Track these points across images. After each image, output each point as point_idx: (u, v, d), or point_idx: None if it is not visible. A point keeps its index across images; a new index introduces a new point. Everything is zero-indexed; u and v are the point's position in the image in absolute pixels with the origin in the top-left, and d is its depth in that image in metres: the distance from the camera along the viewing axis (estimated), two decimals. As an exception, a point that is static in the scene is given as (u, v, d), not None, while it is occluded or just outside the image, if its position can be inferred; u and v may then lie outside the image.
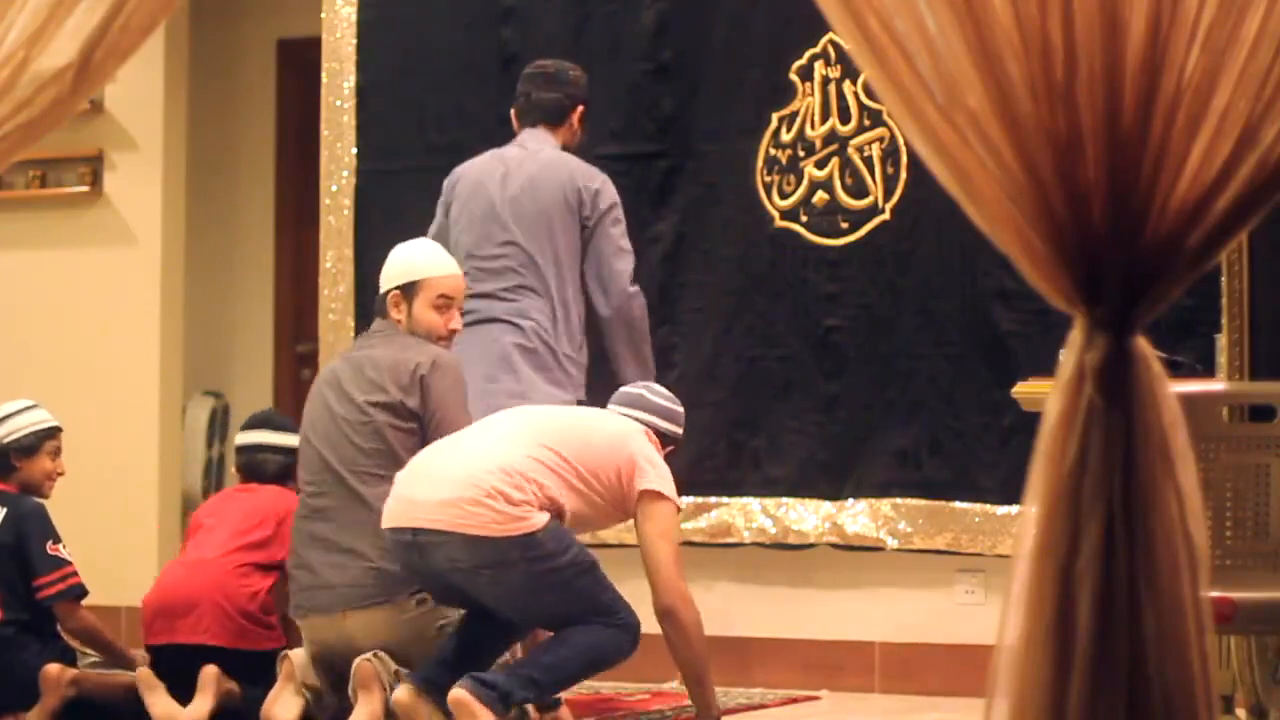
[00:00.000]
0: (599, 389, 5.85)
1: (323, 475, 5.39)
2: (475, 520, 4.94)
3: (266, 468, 6.04)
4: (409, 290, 5.50)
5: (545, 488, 5.04)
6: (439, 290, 5.50)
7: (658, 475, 5.23)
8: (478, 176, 6.00)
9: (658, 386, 5.58)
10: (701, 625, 5.18)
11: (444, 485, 5.00)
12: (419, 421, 5.35)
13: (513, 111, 6.12)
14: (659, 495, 5.20)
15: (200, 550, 5.90)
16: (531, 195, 5.90)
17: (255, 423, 6.24)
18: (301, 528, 5.43)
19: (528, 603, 5.07)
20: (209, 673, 5.64)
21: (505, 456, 5.04)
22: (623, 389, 5.56)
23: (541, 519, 4.99)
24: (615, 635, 5.05)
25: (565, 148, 6.05)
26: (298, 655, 5.36)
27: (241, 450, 6.18)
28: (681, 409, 5.53)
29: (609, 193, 5.96)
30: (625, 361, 5.97)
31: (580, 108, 6.09)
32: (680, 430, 5.50)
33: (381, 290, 5.56)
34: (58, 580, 5.91)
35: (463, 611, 5.21)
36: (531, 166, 5.94)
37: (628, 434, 5.29)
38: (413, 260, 5.54)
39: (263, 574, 5.82)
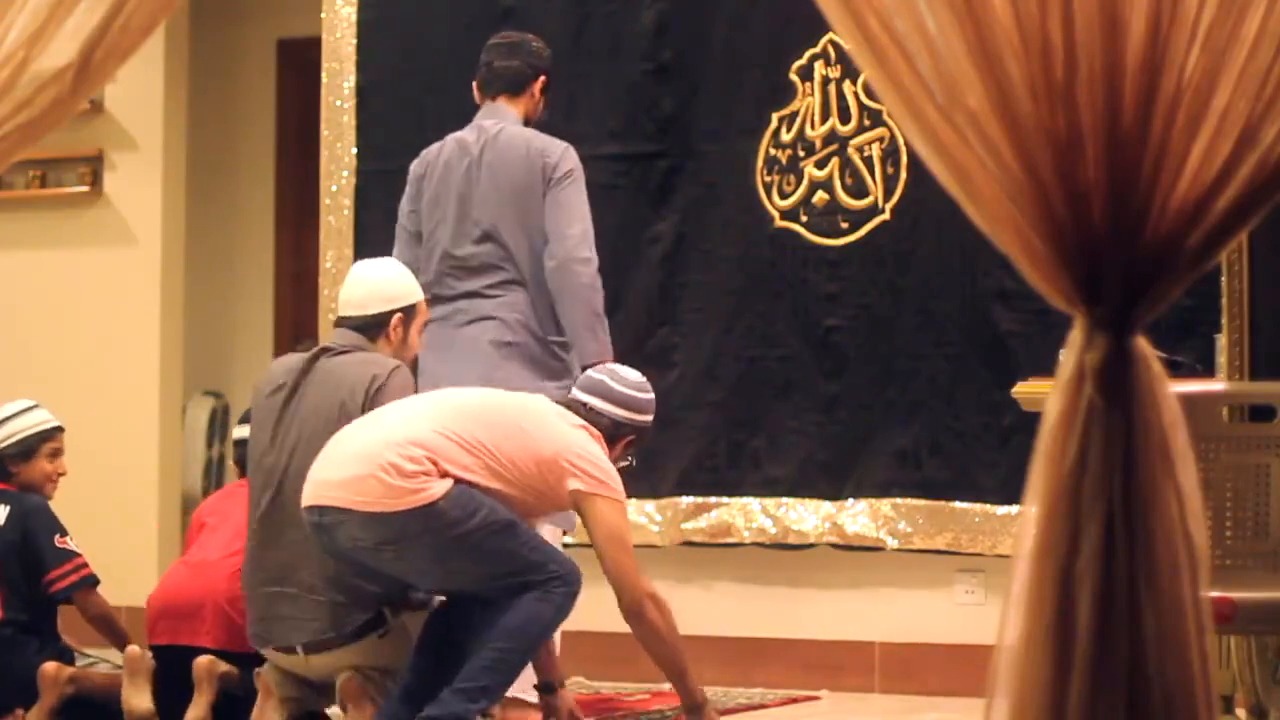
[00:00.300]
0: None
1: (272, 499, 5.23)
2: (369, 495, 4.81)
3: None
4: (410, 314, 5.39)
5: (449, 461, 4.84)
6: (424, 315, 5.45)
7: (591, 473, 4.98)
8: (444, 167, 5.88)
9: (626, 371, 5.34)
10: (671, 618, 5.02)
11: (343, 463, 4.89)
12: None
13: (475, 84, 6.05)
14: (595, 495, 4.97)
15: (204, 551, 5.88)
16: (495, 184, 5.79)
17: None
18: (252, 553, 5.28)
19: (443, 573, 4.92)
20: (202, 664, 5.60)
21: (408, 431, 4.89)
22: (588, 373, 5.34)
23: (441, 487, 4.81)
24: (548, 596, 4.86)
25: (527, 120, 5.93)
26: (271, 671, 5.30)
27: (240, 444, 6.09)
28: (650, 395, 5.28)
29: (568, 160, 5.78)
30: (577, 333, 5.70)
31: (542, 78, 5.95)
32: (647, 418, 5.25)
33: (377, 310, 5.37)
34: (70, 572, 5.90)
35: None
36: (490, 154, 5.81)
37: (558, 431, 5.03)
38: (412, 284, 5.43)
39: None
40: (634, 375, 5.31)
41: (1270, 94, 2.64)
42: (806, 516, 6.68)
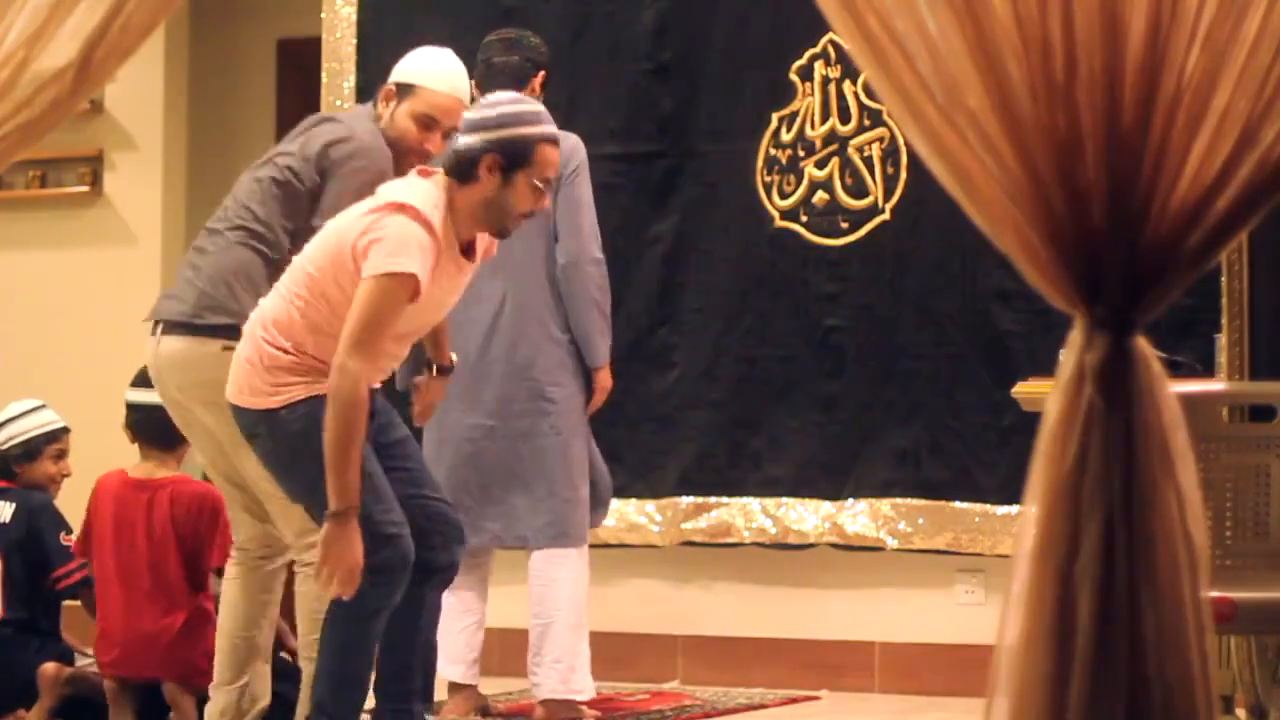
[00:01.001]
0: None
1: (232, 208, 5.03)
2: (235, 385, 4.65)
3: (169, 431, 5.25)
4: (404, 91, 5.07)
5: (294, 335, 4.57)
6: (427, 107, 5.04)
7: (374, 257, 4.45)
8: None
9: (491, 95, 4.93)
10: (351, 404, 4.37)
11: (241, 340, 4.71)
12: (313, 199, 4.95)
13: (473, 83, 6.03)
14: (367, 277, 4.45)
15: (130, 604, 5.65)
16: None
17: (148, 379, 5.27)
18: (192, 248, 5.13)
19: (288, 486, 4.68)
20: (174, 691, 5.58)
21: (272, 307, 4.63)
22: None
23: (299, 393, 4.55)
24: (355, 601, 4.47)
25: None
26: None
27: (133, 408, 5.71)
28: (502, 110, 4.69)
29: (578, 154, 5.74)
30: (588, 335, 5.71)
31: (541, 73, 5.92)
32: (500, 133, 4.64)
33: (388, 80, 5.14)
34: (75, 570, 5.91)
35: None
36: None
37: (350, 225, 4.55)
38: (422, 67, 5.11)
39: (202, 621, 5.64)
40: (492, 95, 4.93)
41: (1270, 94, 2.64)
42: (806, 516, 6.68)
